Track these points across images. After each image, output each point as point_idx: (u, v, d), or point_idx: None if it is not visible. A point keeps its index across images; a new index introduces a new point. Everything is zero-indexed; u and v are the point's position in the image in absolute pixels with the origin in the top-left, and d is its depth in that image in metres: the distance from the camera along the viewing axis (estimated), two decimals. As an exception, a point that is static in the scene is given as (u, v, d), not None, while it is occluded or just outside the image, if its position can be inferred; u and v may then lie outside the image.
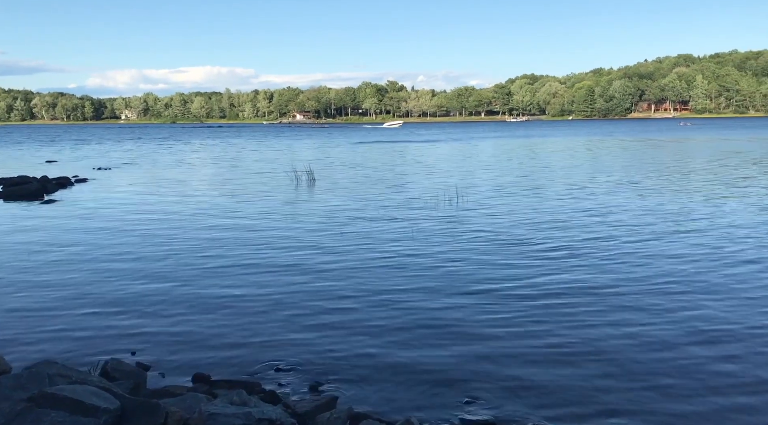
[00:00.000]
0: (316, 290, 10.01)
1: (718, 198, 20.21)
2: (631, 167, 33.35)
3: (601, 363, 6.93)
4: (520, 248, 12.97)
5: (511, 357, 7.19)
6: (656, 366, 6.86)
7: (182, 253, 13.05)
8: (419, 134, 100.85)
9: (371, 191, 23.85)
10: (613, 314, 8.58)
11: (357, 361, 7.23)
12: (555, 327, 8.08)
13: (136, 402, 4.36)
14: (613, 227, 15.20)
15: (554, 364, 6.96)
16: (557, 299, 9.32)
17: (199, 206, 20.28)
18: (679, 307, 8.96)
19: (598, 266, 11.22)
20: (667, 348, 7.44)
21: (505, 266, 11.23)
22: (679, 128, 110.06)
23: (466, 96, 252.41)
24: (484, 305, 9.10)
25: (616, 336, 7.66)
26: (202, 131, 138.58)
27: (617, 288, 9.87)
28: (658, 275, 10.64)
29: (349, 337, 7.93)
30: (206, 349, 7.71)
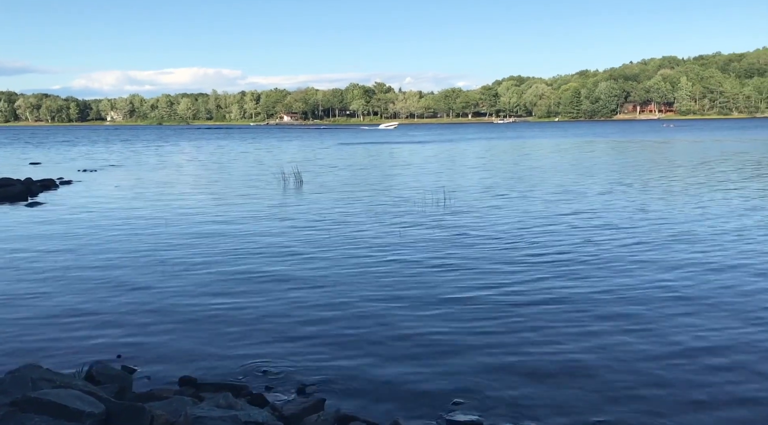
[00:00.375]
0: (302, 296, 9.95)
1: (706, 201, 20.40)
2: (617, 169, 33.59)
3: (587, 374, 6.85)
4: (507, 253, 12.99)
5: (497, 365, 7.16)
6: (639, 377, 6.82)
7: (168, 257, 12.97)
8: (412, 135, 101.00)
9: (359, 193, 23.84)
10: (598, 323, 8.53)
11: (345, 364, 7.21)
12: (540, 336, 8.04)
13: (121, 405, 4.33)
14: (600, 232, 15.30)
15: (540, 373, 6.92)
16: (543, 307, 9.30)
17: (185, 208, 20.16)
18: (664, 316, 8.98)
19: (584, 272, 11.17)
20: (650, 358, 7.40)
21: (491, 273, 11.16)
22: (662, 129, 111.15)
23: (453, 97, 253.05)
24: (470, 312, 9.06)
25: (601, 347, 7.59)
26: (189, 133, 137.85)
27: (603, 297, 9.87)
28: (644, 283, 10.66)
29: (336, 342, 7.91)
30: (193, 352, 7.67)
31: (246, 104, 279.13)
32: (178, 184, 28.65)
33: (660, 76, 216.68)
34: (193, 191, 25.27)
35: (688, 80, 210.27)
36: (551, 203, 19.96)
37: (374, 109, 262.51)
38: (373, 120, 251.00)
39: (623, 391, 6.36)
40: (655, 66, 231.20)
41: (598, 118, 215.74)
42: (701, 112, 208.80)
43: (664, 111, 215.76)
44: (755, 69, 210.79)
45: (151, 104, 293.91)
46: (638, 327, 8.20)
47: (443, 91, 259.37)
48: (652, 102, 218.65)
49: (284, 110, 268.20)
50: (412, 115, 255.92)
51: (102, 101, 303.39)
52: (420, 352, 7.50)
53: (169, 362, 7.38)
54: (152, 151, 62.31)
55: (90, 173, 35.21)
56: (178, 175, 34.12)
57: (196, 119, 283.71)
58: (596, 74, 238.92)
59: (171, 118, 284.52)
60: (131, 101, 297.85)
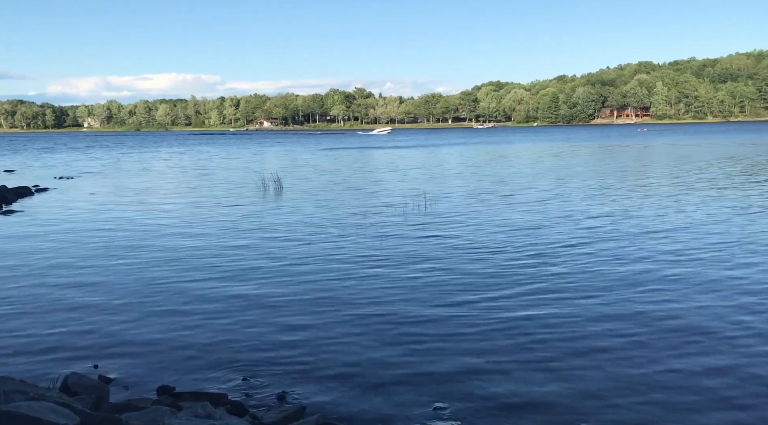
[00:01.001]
0: (282, 303, 9.87)
1: (691, 204, 20.67)
2: (596, 172, 33.94)
3: (568, 379, 6.87)
4: (488, 259, 13.04)
5: (478, 370, 7.15)
6: (622, 382, 6.85)
7: (145, 264, 12.81)
8: (397, 141, 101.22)
9: (340, 198, 23.80)
10: (580, 328, 8.58)
11: (326, 371, 7.17)
12: (521, 342, 8.04)
13: (96, 417, 4.25)
14: (580, 234, 15.42)
15: (519, 377, 6.94)
16: (523, 313, 9.34)
17: (163, 215, 19.95)
18: (650, 322, 9.08)
19: (565, 278, 11.23)
20: (636, 364, 7.49)
21: (471, 279, 11.13)
22: (637, 133, 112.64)
23: (433, 103, 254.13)
24: (450, 318, 9.05)
25: (583, 352, 7.63)
26: (168, 139, 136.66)
27: (584, 302, 9.95)
28: (623, 285, 10.80)
29: (317, 349, 7.86)
30: (171, 361, 7.58)
31: (225, 110, 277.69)
32: (155, 191, 28.36)
33: (636, 81, 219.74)
34: (170, 199, 25.01)
35: (664, 85, 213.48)
36: (532, 205, 20.09)
37: (354, 114, 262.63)
38: (353, 125, 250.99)
39: (606, 396, 6.39)
40: (632, 71, 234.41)
41: (576, 123, 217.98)
42: (677, 116, 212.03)
43: (641, 115, 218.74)
44: (728, 74, 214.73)
45: (129, 110, 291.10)
46: (623, 332, 8.25)
47: (423, 97, 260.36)
48: (629, 107, 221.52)
49: (264, 115, 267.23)
50: (392, 120, 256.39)
51: (79, 108, 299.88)
52: (401, 358, 7.48)
53: (147, 371, 7.29)
54: (130, 157, 61.65)
55: (67, 181, 34.72)
56: (156, 182, 33.78)
57: (174, 125, 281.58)
58: (574, 79, 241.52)
59: (149, 124, 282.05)
60: (109, 107, 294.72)
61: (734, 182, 26.53)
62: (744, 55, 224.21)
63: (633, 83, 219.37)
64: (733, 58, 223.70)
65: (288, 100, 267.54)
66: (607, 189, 24.98)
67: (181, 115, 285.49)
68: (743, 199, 21.00)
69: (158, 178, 36.45)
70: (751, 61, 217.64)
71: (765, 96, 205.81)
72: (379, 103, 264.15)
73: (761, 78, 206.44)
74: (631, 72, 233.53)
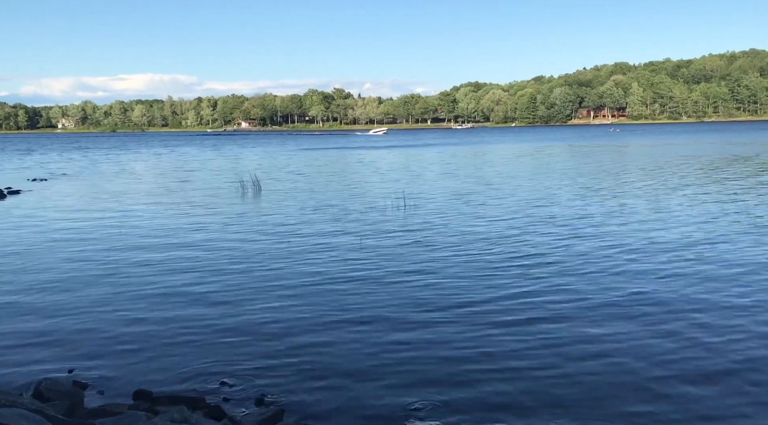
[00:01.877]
0: (260, 307, 9.78)
1: (675, 206, 20.93)
2: (568, 172, 34.28)
3: (545, 377, 6.91)
4: (467, 260, 13.09)
5: (456, 370, 7.16)
6: (599, 380, 6.93)
7: (121, 268, 12.64)
8: (375, 141, 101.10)
9: (319, 199, 23.73)
10: (557, 329, 8.63)
11: (304, 373, 7.13)
12: (498, 342, 8.08)
13: (69, 423, 4.17)
14: (560, 234, 15.55)
15: (498, 377, 6.96)
16: (499, 314, 9.38)
17: (139, 218, 19.70)
18: (630, 319, 9.19)
19: (544, 277, 11.30)
20: (612, 363, 7.57)
21: (449, 280, 11.14)
22: (608, 134, 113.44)
23: (412, 103, 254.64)
24: (427, 319, 9.06)
25: (559, 352, 7.66)
26: (144, 140, 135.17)
27: (562, 301, 10.03)
28: (604, 284, 10.91)
29: (295, 353, 7.81)
30: (148, 365, 7.48)
31: (203, 111, 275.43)
32: (131, 193, 28.01)
33: (612, 82, 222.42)
34: (146, 201, 24.70)
35: (639, 86, 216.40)
36: (509, 205, 20.23)
37: (333, 115, 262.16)
38: (332, 126, 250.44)
39: (583, 393, 6.44)
40: (608, 72, 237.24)
41: (554, 123, 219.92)
42: (652, 116, 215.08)
43: (617, 116, 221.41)
44: (702, 75, 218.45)
45: (105, 111, 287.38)
46: (599, 331, 8.32)
47: (402, 97, 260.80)
48: (605, 107, 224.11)
49: (242, 116, 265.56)
50: (371, 121, 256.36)
51: (53, 108, 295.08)
52: (380, 360, 7.47)
53: (123, 376, 7.19)
54: (106, 158, 60.84)
55: (41, 183, 34.16)
56: (132, 184, 33.37)
57: (151, 126, 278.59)
58: (551, 80, 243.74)
59: (125, 125, 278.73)
60: (83, 108, 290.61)
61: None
62: (717, 56, 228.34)
63: (609, 84, 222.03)
64: (707, 59, 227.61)
65: (266, 100, 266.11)
66: (587, 189, 25.24)
67: (157, 116, 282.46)
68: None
69: (134, 180, 36.02)
70: (724, 63, 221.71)
71: (737, 97, 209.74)
72: (358, 103, 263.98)
73: (734, 79, 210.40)
74: (607, 73, 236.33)
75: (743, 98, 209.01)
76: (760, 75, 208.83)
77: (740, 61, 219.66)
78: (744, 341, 7.82)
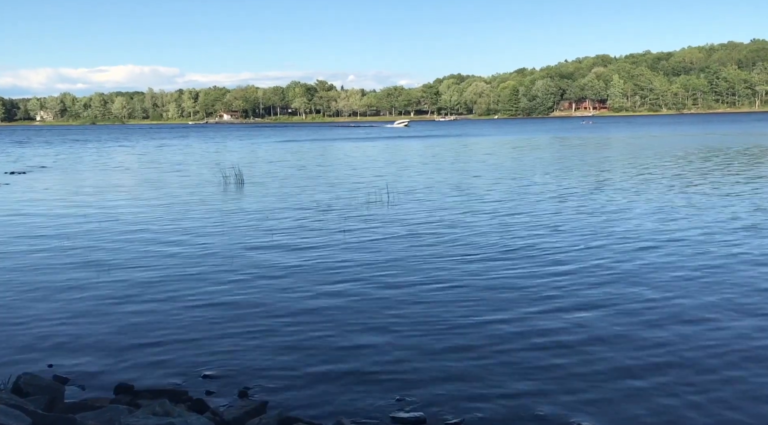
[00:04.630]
0: (242, 299, 9.73)
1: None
2: (537, 166, 34.51)
3: (528, 368, 6.95)
4: (448, 250, 13.14)
5: (439, 362, 7.18)
6: (581, 370, 6.98)
7: (102, 261, 12.50)
8: (357, 133, 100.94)
9: (303, 192, 23.65)
10: (542, 319, 8.69)
11: (287, 366, 7.12)
12: (482, 333, 8.11)
13: (49, 418, 4.12)
14: (536, 227, 15.65)
15: (481, 368, 6.99)
16: (484, 305, 9.42)
17: (116, 212, 19.42)
18: (607, 309, 9.28)
19: (525, 268, 11.35)
20: (590, 351, 7.65)
21: (432, 272, 11.16)
22: (581, 126, 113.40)
23: (395, 96, 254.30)
24: (410, 311, 9.07)
25: (543, 344, 7.69)
26: (125, 132, 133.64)
27: (544, 291, 10.12)
28: (585, 276, 11.01)
29: (278, 343, 7.79)
30: (131, 359, 7.42)
31: (184, 103, 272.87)
32: (111, 186, 27.69)
33: (594, 74, 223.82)
34: (125, 195, 24.42)
35: (620, 78, 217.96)
36: (493, 197, 20.34)
37: (316, 107, 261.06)
38: (315, 118, 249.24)
39: (566, 384, 6.49)
40: (589, 64, 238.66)
41: (536, 115, 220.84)
42: (633, 109, 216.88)
43: (599, 108, 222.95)
44: (681, 67, 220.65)
45: (84, 103, 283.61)
46: (581, 320, 8.40)
47: (385, 90, 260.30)
48: (586, 99, 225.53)
49: (224, 108, 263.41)
50: (354, 113, 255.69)
51: (31, 100, 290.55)
52: (363, 352, 7.47)
53: (105, 370, 7.13)
54: (86, 152, 60.06)
55: (19, 176, 33.64)
56: (112, 177, 32.98)
57: (131, 119, 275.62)
58: (533, 72, 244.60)
59: (105, 117, 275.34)
60: (62, 100, 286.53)
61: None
62: (696, 48, 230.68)
63: (590, 76, 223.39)
64: (686, 51, 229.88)
65: (248, 92, 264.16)
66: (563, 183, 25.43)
67: (138, 108, 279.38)
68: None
69: (114, 173, 35.60)
70: (703, 55, 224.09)
71: (716, 89, 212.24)
72: (341, 95, 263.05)
73: (712, 71, 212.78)
74: (588, 65, 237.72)
75: (722, 90, 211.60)
76: (738, 67, 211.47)
77: (718, 53, 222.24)
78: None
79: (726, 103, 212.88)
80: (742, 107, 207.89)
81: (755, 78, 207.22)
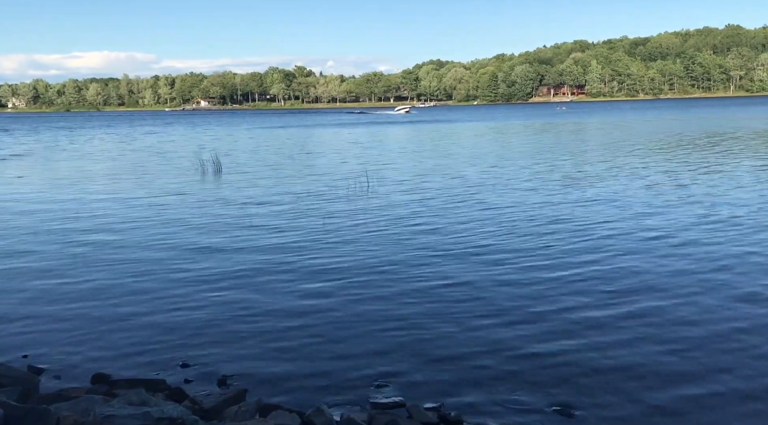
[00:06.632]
0: (220, 287, 9.65)
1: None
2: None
3: (504, 353, 6.98)
4: (428, 240, 13.17)
5: (417, 347, 7.19)
6: (557, 356, 7.03)
7: (77, 249, 12.32)
8: (337, 118, 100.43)
9: (282, 180, 23.50)
10: (515, 306, 8.79)
11: (266, 353, 7.10)
12: (459, 319, 8.14)
13: (23, 409, 4.06)
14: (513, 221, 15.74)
15: (458, 354, 7.02)
16: (460, 291, 9.46)
17: (94, 200, 19.14)
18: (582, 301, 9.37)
19: (502, 258, 11.36)
20: (560, 338, 7.75)
21: (410, 258, 11.17)
22: (555, 112, 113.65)
23: (375, 82, 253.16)
24: (388, 296, 9.07)
25: (517, 329, 7.73)
26: (100, 119, 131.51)
27: (520, 280, 10.20)
28: (562, 266, 11.11)
29: (257, 332, 7.74)
30: (107, 348, 7.35)
31: (160, 89, 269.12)
32: (85, 174, 27.23)
33: (572, 60, 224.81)
34: (101, 182, 24.07)
35: (598, 64, 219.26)
36: (474, 186, 20.41)
37: (295, 93, 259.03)
38: (294, 105, 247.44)
39: (540, 369, 6.54)
40: (567, 49, 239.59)
41: (515, 101, 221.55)
42: (610, 94, 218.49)
43: (577, 93, 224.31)
44: (658, 52, 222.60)
45: (58, 90, 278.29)
46: (555, 308, 8.45)
47: (365, 76, 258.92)
48: (565, 85, 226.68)
49: (201, 94, 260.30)
50: (334, 99, 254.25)
51: (2, 87, 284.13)
52: (343, 339, 7.46)
53: (81, 360, 7.04)
54: (61, 139, 59.01)
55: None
56: (87, 164, 32.43)
57: (106, 105, 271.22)
58: (512, 58, 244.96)
59: (79, 104, 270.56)
60: (35, 87, 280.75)
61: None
62: (672, 34, 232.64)
63: (568, 62, 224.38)
64: (663, 37, 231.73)
65: (226, 78, 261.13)
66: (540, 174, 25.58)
67: (113, 94, 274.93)
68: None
69: (90, 161, 35.01)
70: (679, 40, 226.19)
71: (692, 74, 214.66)
72: (320, 81, 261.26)
73: (688, 56, 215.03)
74: (567, 50, 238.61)
75: (697, 76, 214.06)
76: (713, 53, 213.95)
77: (694, 38, 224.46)
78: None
79: (701, 88, 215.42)
80: (717, 91, 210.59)
81: (729, 63, 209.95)
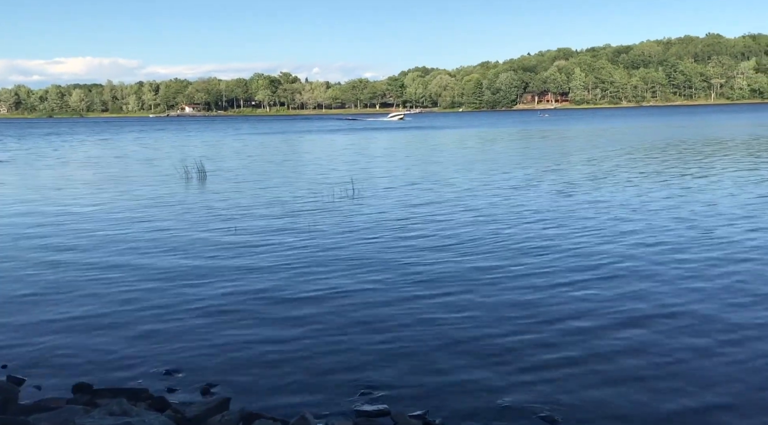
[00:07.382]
0: (202, 293, 9.60)
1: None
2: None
3: (490, 359, 7.01)
4: (412, 243, 13.19)
5: (401, 354, 7.19)
6: (540, 359, 7.11)
7: (58, 258, 12.18)
8: (321, 125, 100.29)
9: (267, 186, 23.43)
10: (501, 310, 8.84)
11: (250, 361, 7.04)
12: (441, 325, 8.16)
13: (1, 421, 3.99)
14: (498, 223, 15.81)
15: (442, 360, 7.02)
16: (443, 297, 9.45)
17: (73, 208, 18.89)
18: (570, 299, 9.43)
19: (484, 260, 11.48)
20: (549, 338, 7.79)
21: (392, 264, 11.19)
22: (538, 120, 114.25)
23: (360, 88, 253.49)
24: (370, 304, 9.07)
25: (504, 333, 7.78)
26: (85, 125, 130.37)
27: (504, 282, 10.23)
28: (543, 266, 11.17)
29: (240, 339, 7.69)
30: (89, 357, 7.25)
31: (144, 95, 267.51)
32: (67, 181, 26.96)
33: (556, 67, 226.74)
34: (83, 190, 23.78)
35: (582, 71, 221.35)
36: (457, 192, 20.48)
37: (281, 99, 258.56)
38: (279, 111, 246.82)
39: (526, 377, 6.54)
40: (551, 57, 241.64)
41: (500, 108, 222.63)
42: (594, 101, 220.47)
43: (560, 101, 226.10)
44: (641, 60, 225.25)
45: (40, 96, 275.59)
46: (545, 316, 8.47)
47: (350, 82, 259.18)
48: (549, 92, 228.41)
49: (186, 100, 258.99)
50: (319, 106, 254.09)
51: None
52: (326, 347, 7.43)
53: (62, 369, 6.95)
54: (44, 145, 58.38)
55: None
56: (69, 171, 32.14)
57: (90, 112, 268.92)
58: (497, 65, 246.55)
59: (62, 110, 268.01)
60: (17, 93, 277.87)
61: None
62: (654, 42, 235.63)
63: (552, 70, 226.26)
64: (645, 45, 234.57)
65: (211, 84, 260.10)
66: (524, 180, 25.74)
67: (96, 101, 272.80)
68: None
69: (72, 168, 34.69)
70: (661, 49, 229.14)
71: (674, 82, 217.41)
72: (306, 88, 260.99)
73: (670, 64, 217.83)
74: (550, 58, 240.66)
75: (679, 83, 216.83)
76: (694, 61, 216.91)
77: (675, 47, 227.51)
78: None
79: (683, 95, 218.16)
80: (699, 99, 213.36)
81: (710, 71, 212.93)
